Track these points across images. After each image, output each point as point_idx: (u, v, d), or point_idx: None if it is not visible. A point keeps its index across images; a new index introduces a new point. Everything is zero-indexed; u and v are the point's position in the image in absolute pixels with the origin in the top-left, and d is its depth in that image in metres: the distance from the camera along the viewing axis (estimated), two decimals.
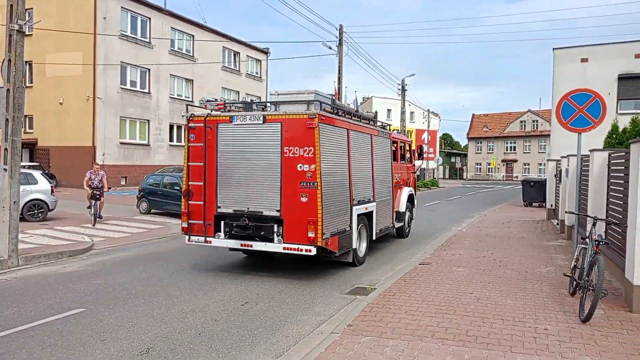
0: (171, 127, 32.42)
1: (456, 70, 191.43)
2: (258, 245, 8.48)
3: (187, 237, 8.90)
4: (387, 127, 12.11)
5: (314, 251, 8.02)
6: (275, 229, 8.29)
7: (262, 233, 8.36)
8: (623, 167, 7.38)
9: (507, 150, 75.08)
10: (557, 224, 15.26)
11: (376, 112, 12.31)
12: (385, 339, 5.33)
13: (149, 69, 30.16)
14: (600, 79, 21.35)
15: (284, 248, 8.24)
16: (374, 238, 10.44)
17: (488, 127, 77.89)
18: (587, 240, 6.59)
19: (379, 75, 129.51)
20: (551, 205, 18.23)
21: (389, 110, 64.23)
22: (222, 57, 36.25)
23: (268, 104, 8.91)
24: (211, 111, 8.79)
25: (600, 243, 6.14)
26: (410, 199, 13.62)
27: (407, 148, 14.01)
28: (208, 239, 8.70)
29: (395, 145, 12.57)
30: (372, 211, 10.23)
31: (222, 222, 8.67)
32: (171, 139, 32.49)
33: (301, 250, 8.09)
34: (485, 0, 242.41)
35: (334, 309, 6.74)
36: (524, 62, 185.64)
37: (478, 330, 5.57)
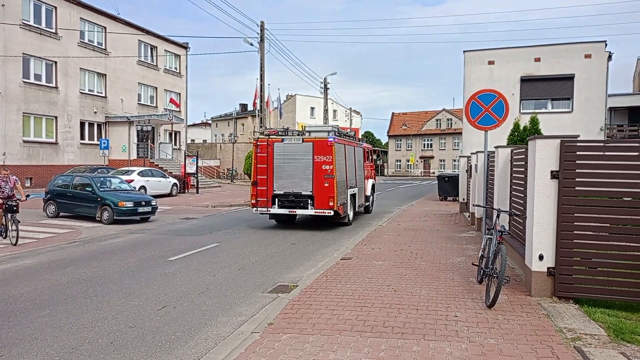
0: (82, 124, 30.43)
1: (376, 69, 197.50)
2: (299, 212, 14.05)
3: (254, 209, 14.34)
4: (361, 141, 19.25)
5: (332, 213, 13.68)
6: (310, 202, 13.78)
7: (302, 204, 13.87)
8: (523, 163, 7.99)
9: (424, 147, 78.66)
10: (469, 216, 16.23)
11: (360, 133, 16.20)
12: (305, 335, 5.38)
13: (55, 62, 28.10)
14: (505, 80, 23.03)
15: (315, 212, 13.81)
16: (356, 210, 16.26)
17: (407, 125, 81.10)
18: (492, 231, 7.07)
19: (302, 74, 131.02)
20: (463, 199, 19.35)
21: (312, 109, 64.86)
22: (137, 51, 34.59)
23: (305, 132, 14.76)
24: (269, 135, 14.37)
25: (503, 233, 6.60)
26: (373, 187, 19.63)
27: (371, 153, 20.33)
28: (268, 209, 14.13)
29: (364, 151, 18.58)
30: (355, 193, 16.02)
31: (276, 199, 14.05)
32: (82, 137, 30.50)
33: (324, 213, 13.71)
34: (403, 2, 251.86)
35: (256, 309, 6.69)
36: (439, 62, 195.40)
37: (394, 321, 5.79)
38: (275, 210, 14.16)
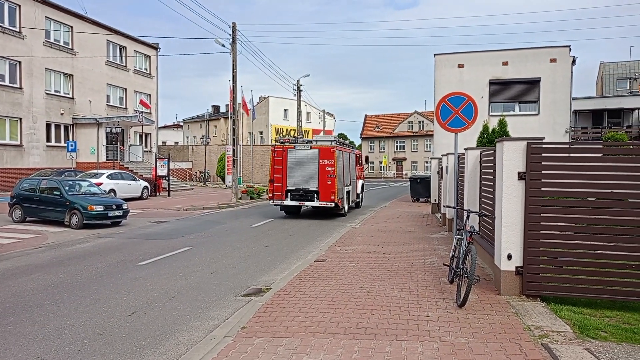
0: (48, 125, 29.54)
1: (349, 71, 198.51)
2: (307, 203, 17.46)
3: (270, 201, 17.92)
4: (354, 147, 24.02)
5: (333, 205, 17.06)
6: (315, 196, 17.15)
7: (309, 198, 17.24)
8: (491, 164, 8.16)
9: (397, 149, 79.47)
10: (440, 217, 16.47)
11: (359, 144, 20.27)
12: (278, 338, 5.36)
13: (19, 62, 27.22)
14: (474, 83, 23.47)
15: (319, 204, 17.21)
16: (350, 204, 19.84)
17: (379, 127, 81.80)
18: (462, 231, 7.19)
19: (275, 75, 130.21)
20: (435, 200, 19.63)
21: (285, 110, 64.70)
22: (106, 51, 33.84)
23: (312, 140, 18.94)
24: (284, 143, 18.11)
25: (473, 234, 6.73)
26: (362, 186, 23.51)
27: (361, 158, 24.42)
28: (282, 201, 17.52)
29: (356, 156, 22.31)
30: (350, 190, 19.70)
31: (289, 194, 17.40)
32: (49, 139, 29.61)
33: (327, 205, 17.09)
34: (374, 5, 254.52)
35: (229, 313, 6.63)
36: (411, 65, 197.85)
37: (367, 322, 5.82)
38: (288, 202, 17.59)
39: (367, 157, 26.92)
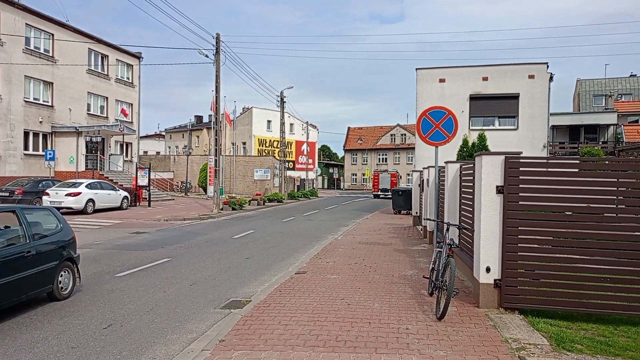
0: (26, 134, 28.99)
1: (335, 84, 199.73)
2: (385, 194, 45.63)
3: (373, 194, 49.24)
4: (397, 172, 52.93)
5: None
6: (388, 190, 44.21)
7: (386, 191, 45.52)
8: (471, 178, 8.26)
9: (379, 161, 79.92)
10: (421, 229, 16.57)
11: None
12: (257, 351, 5.30)
13: None
14: (455, 97, 23.82)
15: (388, 194, 43.29)
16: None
17: (362, 139, 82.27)
18: (442, 244, 7.24)
19: (258, 87, 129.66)
20: (416, 213, 19.76)
21: (269, 122, 64.67)
22: (87, 60, 33.48)
23: (388, 171, 53.16)
24: (378, 172, 52.65)
25: (452, 247, 6.79)
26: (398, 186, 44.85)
27: (397, 175, 50.96)
28: (377, 193, 47.75)
29: (397, 174, 50.96)
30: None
31: (379, 190, 47.97)
32: (26, 148, 29.03)
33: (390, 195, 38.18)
34: (361, 19, 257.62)
35: (207, 325, 6.54)
36: (395, 79, 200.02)
37: (347, 335, 5.80)
38: (379, 192, 46.58)
39: (398, 175, 51.25)
